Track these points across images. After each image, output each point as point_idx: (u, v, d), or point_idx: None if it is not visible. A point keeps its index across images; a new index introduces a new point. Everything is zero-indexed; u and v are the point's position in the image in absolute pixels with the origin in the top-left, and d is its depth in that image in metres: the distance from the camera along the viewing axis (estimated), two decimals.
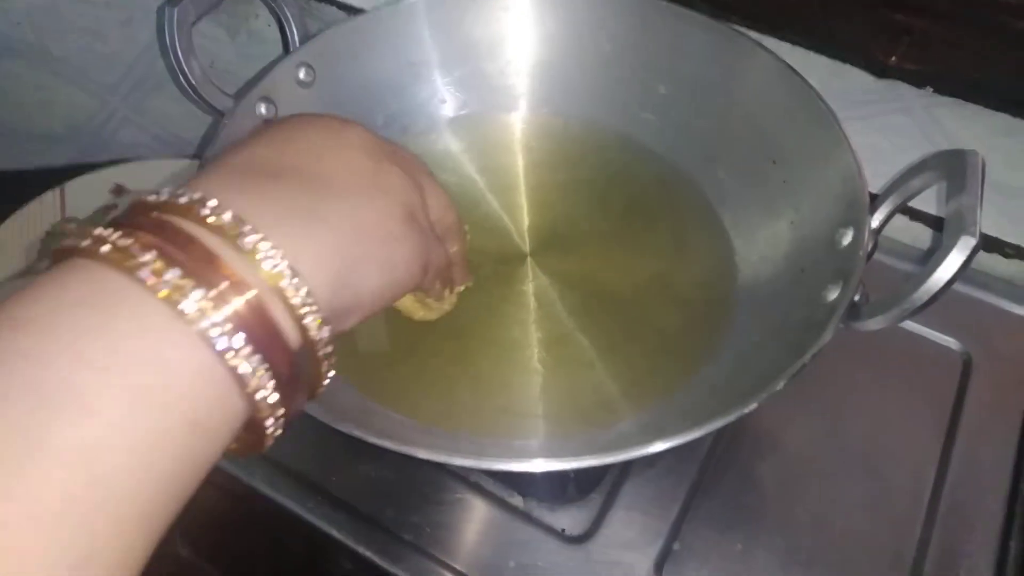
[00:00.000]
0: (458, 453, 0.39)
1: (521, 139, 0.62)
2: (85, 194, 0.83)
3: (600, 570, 0.45)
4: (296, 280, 0.26)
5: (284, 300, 0.26)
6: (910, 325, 0.55)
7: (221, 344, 0.24)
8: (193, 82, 0.52)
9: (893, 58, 0.64)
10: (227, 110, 0.52)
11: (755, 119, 0.55)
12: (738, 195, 0.56)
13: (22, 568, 0.20)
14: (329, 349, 0.28)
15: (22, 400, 0.21)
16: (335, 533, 0.46)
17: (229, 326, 0.24)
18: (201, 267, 0.24)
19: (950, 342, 0.55)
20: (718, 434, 0.50)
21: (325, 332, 0.27)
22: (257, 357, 0.24)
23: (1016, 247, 0.58)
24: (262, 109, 0.53)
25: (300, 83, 0.55)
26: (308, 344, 0.27)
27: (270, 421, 0.26)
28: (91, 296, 0.23)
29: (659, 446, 0.38)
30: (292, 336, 0.26)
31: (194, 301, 0.23)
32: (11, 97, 0.82)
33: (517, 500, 0.48)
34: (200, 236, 0.25)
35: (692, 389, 0.48)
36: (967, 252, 0.37)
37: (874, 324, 0.41)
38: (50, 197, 0.82)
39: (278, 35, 0.59)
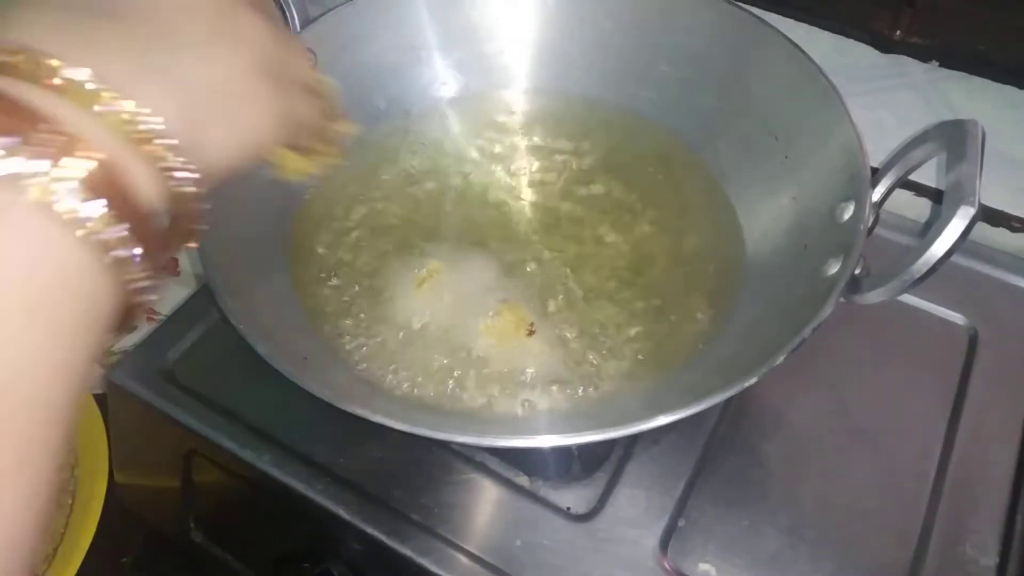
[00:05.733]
0: (461, 431, 0.40)
1: (523, 118, 0.62)
2: None
3: (605, 547, 0.45)
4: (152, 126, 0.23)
5: (141, 154, 0.23)
6: (916, 300, 0.55)
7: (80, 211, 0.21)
8: None
9: (898, 32, 0.64)
10: None
11: (757, 95, 0.54)
12: (740, 171, 0.56)
13: None
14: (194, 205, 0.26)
15: None
16: (343, 514, 0.47)
17: (81, 188, 0.22)
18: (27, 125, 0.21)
19: (956, 317, 0.55)
20: (722, 411, 0.50)
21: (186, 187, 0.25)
22: (116, 223, 0.22)
23: (1023, 220, 0.58)
24: None
25: None
26: (173, 200, 0.25)
27: (137, 282, 0.24)
28: None
29: (661, 420, 0.38)
30: (150, 194, 0.24)
31: (26, 161, 0.21)
32: None
33: (523, 479, 0.48)
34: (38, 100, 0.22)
35: (697, 364, 0.48)
36: (966, 221, 0.37)
37: (874, 297, 0.41)
38: None
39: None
